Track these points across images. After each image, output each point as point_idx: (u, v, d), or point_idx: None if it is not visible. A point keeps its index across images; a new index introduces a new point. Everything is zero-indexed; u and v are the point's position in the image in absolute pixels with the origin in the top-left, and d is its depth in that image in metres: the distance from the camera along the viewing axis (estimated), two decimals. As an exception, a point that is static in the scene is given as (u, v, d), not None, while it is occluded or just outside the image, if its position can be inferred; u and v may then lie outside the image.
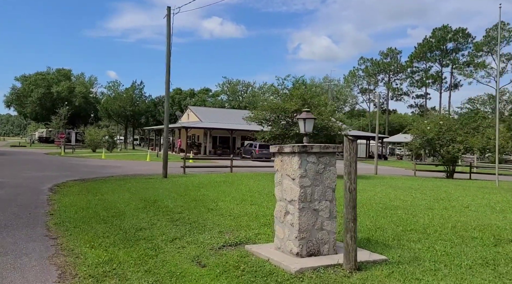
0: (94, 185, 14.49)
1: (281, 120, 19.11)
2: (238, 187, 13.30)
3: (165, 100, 17.81)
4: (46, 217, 8.52)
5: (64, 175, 18.52)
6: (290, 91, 18.56)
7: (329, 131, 17.81)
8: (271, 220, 7.86)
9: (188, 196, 11.15)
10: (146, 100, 69.74)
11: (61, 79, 77.92)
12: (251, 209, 9.10)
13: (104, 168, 23.53)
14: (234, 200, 10.33)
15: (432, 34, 66.91)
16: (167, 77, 17.48)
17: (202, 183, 14.69)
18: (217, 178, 16.95)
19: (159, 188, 13.23)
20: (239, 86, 75.90)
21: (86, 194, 12.09)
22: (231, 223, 7.70)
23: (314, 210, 5.53)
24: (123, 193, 12.21)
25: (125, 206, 9.69)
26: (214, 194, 11.40)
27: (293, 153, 5.54)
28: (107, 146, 45.71)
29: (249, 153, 37.74)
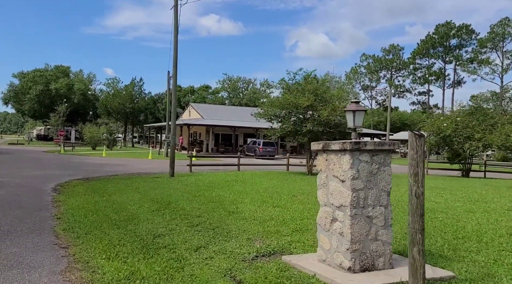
0: (99, 185, 13.76)
1: (292, 116, 18.37)
2: (253, 187, 12.57)
3: (172, 95, 17.07)
4: (53, 221, 7.78)
5: (66, 173, 17.77)
6: (302, 86, 17.81)
7: (344, 128, 17.07)
8: (302, 226, 7.16)
9: (203, 197, 10.42)
10: (146, 97, 68.80)
11: (60, 76, 76.90)
12: (275, 212, 8.37)
13: (107, 166, 22.78)
14: (253, 201, 9.60)
15: (435, 31, 66.22)
16: (174, 70, 16.73)
17: (213, 183, 13.95)
18: (227, 177, 16.22)
19: (169, 188, 12.49)
20: (240, 83, 75.10)
21: (93, 194, 11.36)
22: (258, 229, 6.98)
23: (368, 217, 4.80)
24: (132, 193, 11.48)
25: (137, 208, 8.96)
26: (230, 195, 10.67)
27: (343, 151, 4.81)
28: (107, 144, 44.92)
29: (253, 151, 37.02)
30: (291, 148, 45.95)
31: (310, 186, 13.00)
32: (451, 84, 67.92)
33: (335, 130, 17.17)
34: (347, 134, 17.65)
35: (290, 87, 18.26)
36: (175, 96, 16.99)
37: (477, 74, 62.02)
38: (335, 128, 17.09)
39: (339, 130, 17.24)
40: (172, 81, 16.88)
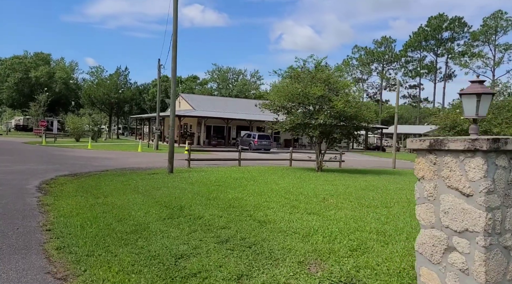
0: (90, 182, 12.11)
1: (300, 107, 16.93)
2: (269, 187, 11.11)
3: (171, 82, 15.38)
4: (42, 234, 6.19)
5: (51, 168, 15.99)
6: (312, 73, 16.33)
7: (359, 121, 15.74)
8: (359, 242, 5.74)
9: (219, 199, 8.91)
10: (132, 87, 66.37)
11: (40, 63, 73.68)
12: (314, 221, 6.94)
13: (95, 160, 20.99)
14: (281, 206, 8.15)
15: (428, 23, 65.50)
16: (173, 53, 15.04)
17: (221, 181, 12.44)
18: (233, 173, 14.72)
19: (174, 187, 10.94)
20: (230, 74, 73.12)
21: (85, 195, 9.75)
22: (305, 246, 5.54)
23: (505, 248, 3.40)
24: (132, 194, 9.90)
25: (144, 215, 7.41)
26: (249, 197, 9.19)
27: (472, 151, 3.37)
28: (92, 135, 42.75)
29: (247, 144, 35.50)
30: (285, 141, 44.65)
31: (332, 186, 11.63)
32: (442, 78, 67.47)
33: (350, 123, 15.79)
34: (360, 128, 16.36)
35: (300, 75, 16.73)
36: (174, 82, 15.31)
37: (469, 67, 61.63)
38: (350, 121, 15.72)
39: (354, 124, 15.88)
40: (171, 64, 15.18)
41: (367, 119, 15.74)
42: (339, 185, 11.78)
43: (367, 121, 15.93)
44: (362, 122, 15.91)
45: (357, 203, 8.67)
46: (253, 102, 54.84)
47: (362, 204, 8.56)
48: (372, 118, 16.04)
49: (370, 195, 9.95)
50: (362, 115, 15.55)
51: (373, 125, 16.33)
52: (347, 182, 12.88)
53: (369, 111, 16.25)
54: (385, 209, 8.12)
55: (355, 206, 8.31)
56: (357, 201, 8.98)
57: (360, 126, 16.24)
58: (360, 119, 15.64)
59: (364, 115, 15.59)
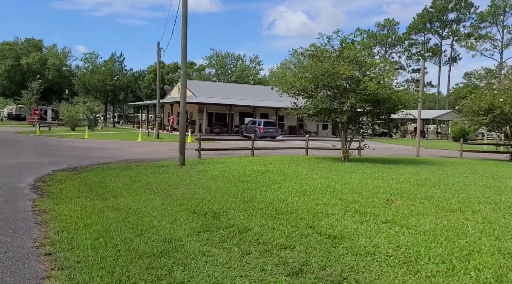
0: (94, 178, 10.40)
1: (322, 91, 15.18)
2: (305, 182, 9.45)
3: (181, 63, 13.53)
4: (39, 261, 4.49)
5: (47, 161, 14.24)
6: (338, 52, 14.54)
7: (394, 105, 14.01)
8: (496, 275, 4.07)
9: (256, 201, 7.23)
10: (127, 74, 63.99)
11: (31, 50, 70.94)
12: (399, 234, 5.28)
13: (95, 151, 19.22)
14: (341, 211, 6.48)
15: (433, 4, 63.35)
16: (183, 30, 13.18)
17: (245, 175, 10.76)
18: (253, 165, 13.05)
19: (193, 184, 9.25)
20: (228, 59, 70.78)
21: (90, 195, 8.05)
22: (418, 282, 3.88)
23: None
24: (145, 193, 8.22)
25: (171, 226, 5.74)
26: (292, 198, 7.51)
27: None
28: (88, 124, 40.72)
29: (252, 131, 33.69)
30: (289, 127, 42.95)
31: (379, 180, 9.97)
32: (447, 61, 65.65)
33: (383, 107, 14.07)
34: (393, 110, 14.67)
35: (324, 53, 14.92)
36: (184, 63, 13.46)
37: (476, 49, 59.83)
38: (383, 105, 14.00)
39: (387, 108, 14.16)
40: (182, 44, 13.30)
41: (404, 102, 14.04)
42: (386, 179, 10.12)
43: (404, 104, 14.23)
44: (398, 105, 14.20)
45: (432, 205, 7.01)
46: (256, 87, 53.36)
47: (441, 207, 6.90)
48: (408, 101, 14.33)
49: (436, 193, 8.29)
50: (397, 98, 13.83)
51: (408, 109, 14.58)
52: (390, 174, 11.22)
53: (405, 93, 14.53)
54: (475, 213, 6.47)
55: (435, 210, 6.65)
56: (429, 201, 7.33)
57: (395, 110, 14.54)
58: (395, 102, 13.93)
59: (400, 98, 13.89)
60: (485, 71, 69.74)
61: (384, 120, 15.18)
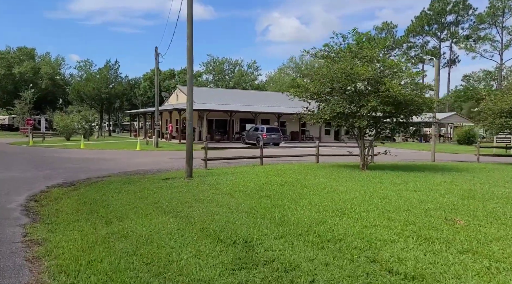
0: (93, 195, 9.22)
1: (337, 94, 14.11)
2: (338, 197, 8.32)
3: (187, 66, 12.40)
4: (29, 324, 3.32)
5: (40, 175, 13.03)
6: (355, 51, 13.47)
7: (416, 108, 12.91)
8: None
9: (290, 223, 6.08)
10: (123, 81, 62.66)
11: (24, 59, 69.47)
12: (494, 273, 4.15)
13: (92, 162, 18.00)
14: (401, 237, 5.34)
15: (430, 6, 62.83)
16: (188, 31, 12.07)
17: (264, 188, 9.62)
18: (269, 176, 11.91)
19: (209, 201, 8.11)
20: (226, 65, 69.70)
21: (91, 217, 6.91)
22: None
23: None
24: (156, 214, 7.07)
25: (195, 261, 4.59)
26: (332, 218, 6.38)
27: None
28: (83, 133, 39.42)
29: (255, 138, 32.57)
30: (291, 133, 41.88)
31: (418, 193, 8.85)
32: (446, 63, 65.05)
33: (407, 110, 12.98)
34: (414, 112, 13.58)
35: (339, 53, 13.88)
36: (190, 65, 12.34)
37: (476, 51, 59.24)
38: (406, 108, 12.92)
39: (411, 110, 13.07)
40: (187, 45, 12.17)
41: (430, 104, 12.97)
42: (424, 191, 9.00)
43: (430, 106, 13.18)
44: (423, 107, 13.14)
45: (505, 226, 5.89)
46: (256, 93, 52.32)
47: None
48: (433, 103, 13.25)
49: (497, 208, 7.17)
50: (422, 100, 12.76)
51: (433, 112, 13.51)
52: (424, 184, 10.11)
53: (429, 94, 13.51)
54: None
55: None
56: (496, 221, 6.20)
57: (418, 113, 13.47)
58: (419, 105, 12.86)
59: (426, 100, 12.83)
60: (483, 73, 69.27)
61: (405, 125, 14.08)
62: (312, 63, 73.22)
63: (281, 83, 70.86)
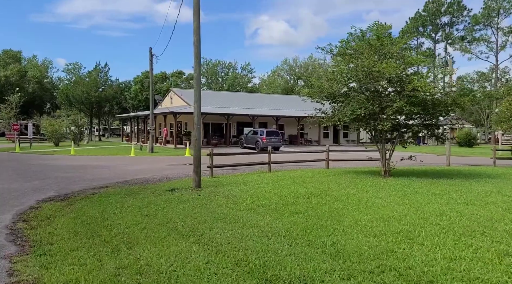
0: (92, 211, 7.92)
1: (356, 93, 12.99)
2: (381, 211, 7.15)
3: (194, 63, 11.16)
4: None
5: (29, 187, 11.63)
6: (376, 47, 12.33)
7: (444, 108, 11.78)
8: None
9: (347, 253, 4.85)
10: (113, 84, 60.97)
11: (10, 62, 67.49)
12: None
13: (85, 170, 16.60)
14: (503, 274, 4.14)
15: (425, 8, 62.36)
16: (195, 24, 10.84)
17: (289, 202, 8.39)
18: (287, 186, 10.69)
19: (231, 219, 6.86)
20: (219, 68, 68.36)
21: (93, 244, 5.68)
22: None
23: None
24: (173, 238, 5.84)
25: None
26: (402, 245, 5.16)
27: None
28: (73, 138, 37.77)
29: (254, 142, 31.35)
30: (289, 137, 40.73)
31: (477, 207, 7.67)
32: (441, 64, 64.55)
33: (435, 110, 11.86)
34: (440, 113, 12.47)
35: (359, 49, 12.72)
36: (198, 67, 11.10)
37: (471, 52, 58.88)
38: (434, 109, 11.81)
39: (439, 111, 11.95)
40: (194, 41, 10.93)
41: (462, 104, 11.89)
42: (479, 204, 7.83)
43: (462, 106, 12.11)
44: (453, 108, 12.04)
45: None
46: (252, 95, 51.08)
47: None
48: (466, 103, 12.14)
49: None
50: (452, 100, 11.65)
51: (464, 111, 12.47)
52: (471, 195, 8.93)
53: (461, 93, 12.35)
54: None
55: None
56: None
57: (446, 114, 12.37)
58: (448, 105, 11.75)
59: (457, 100, 11.72)
60: (477, 75, 69.05)
61: (432, 127, 12.97)
62: (306, 65, 72.40)
63: (275, 86, 69.85)
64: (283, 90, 67.72)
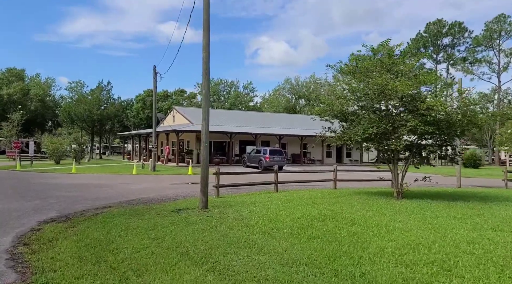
0: (97, 234, 7.50)
1: (368, 112, 12.70)
2: (406, 238, 6.72)
3: (203, 80, 10.87)
4: None
5: (30, 207, 11.20)
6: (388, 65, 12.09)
7: (459, 128, 11.37)
8: None
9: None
10: (115, 102, 60.96)
11: (13, 80, 67.67)
12: None
13: (87, 189, 16.17)
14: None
15: (426, 29, 62.89)
16: (204, 40, 10.62)
17: (303, 224, 7.97)
18: (299, 208, 10.27)
19: (244, 243, 6.44)
20: (221, 86, 68.53)
21: (99, 271, 5.32)
22: None
23: None
24: (185, 266, 5.44)
25: None
26: (440, 278, 4.74)
27: None
28: (74, 156, 37.37)
29: (257, 161, 30.96)
30: (292, 155, 40.34)
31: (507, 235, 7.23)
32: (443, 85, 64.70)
33: (449, 131, 11.49)
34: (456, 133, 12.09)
35: (369, 68, 12.45)
36: (207, 80, 10.81)
37: (473, 73, 59.01)
38: (449, 129, 11.46)
39: (454, 131, 11.59)
40: (203, 57, 10.69)
41: (479, 123, 11.56)
42: (507, 230, 7.39)
43: (479, 126, 11.77)
44: (470, 127, 11.71)
45: None
46: (254, 114, 50.95)
47: None
48: (483, 123, 11.81)
49: None
50: (468, 120, 11.32)
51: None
52: (496, 220, 8.48)
53: (475, 113, 12.01)
54: None
55: None
56: None
57: (462, 134, 12.03)
58: (464, 125, 11.42)
59: (473, 120, 11.39)
60: (479, 96, 69.09)
61: (446, 146, 12.59)
62: (308, 85, 72.58)
63: (276, 105, 69.87)
64: (285, 109, 67.75)
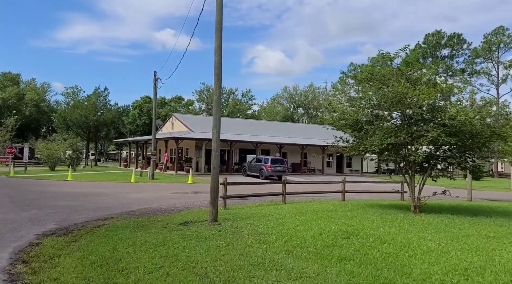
0: (101, 250, 6.86)
1: (383, 122, 12.18)
2: (448, 261, 6.14)
3: (214, 88, 10.26)
4: None
5: (26, 217, 10.49)
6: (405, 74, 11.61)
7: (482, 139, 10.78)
8: None
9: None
10: (112, 108, 60.16)
11: (8, 84, 66.81)
12: None
13: (86, 198, 15.45)
14: None
15: (425, 40, 63.01)
16: (217, 42, 10.04)
17: (327, 243, 7.36)
18: (315, 222, 9.65)
19: (267, 265, 5.82)
20: (219, 94, 67.90)
21: None
22: None
23: None
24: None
25: None
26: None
27: None
28: (69, 163, 36.54)
29: (258, 170, 30.33)
30: (292, 165, 39.75)
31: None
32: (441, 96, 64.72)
33: (472, 142, 10.95)
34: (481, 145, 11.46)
35: (386, 75, 11.95)
36: (218, 86, 10.23)
37: (472, 85, 59.02)
38: (471, 140, 10.92)
39: (477, 142, 11.02)
40: (215, 62, 10.12)
41: (505, 135, 11.01)
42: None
43: (505, 138, 11.23)
44: (494, 139, 11.14)
45: None
46: (254, 122, 50.34)
47: None
48: (510, 134, 11.26)
49: None
50: (492, 131, 10.78)
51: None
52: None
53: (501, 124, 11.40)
54: None
55: None
56: None
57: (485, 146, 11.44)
58: (487, 136, 10.86)
59: (496, 130, 10.84)
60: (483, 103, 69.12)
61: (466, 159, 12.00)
62: (306, 94, 72.31)
63: (274, 113, 69.48)
64: (283, 117, 67.35)
